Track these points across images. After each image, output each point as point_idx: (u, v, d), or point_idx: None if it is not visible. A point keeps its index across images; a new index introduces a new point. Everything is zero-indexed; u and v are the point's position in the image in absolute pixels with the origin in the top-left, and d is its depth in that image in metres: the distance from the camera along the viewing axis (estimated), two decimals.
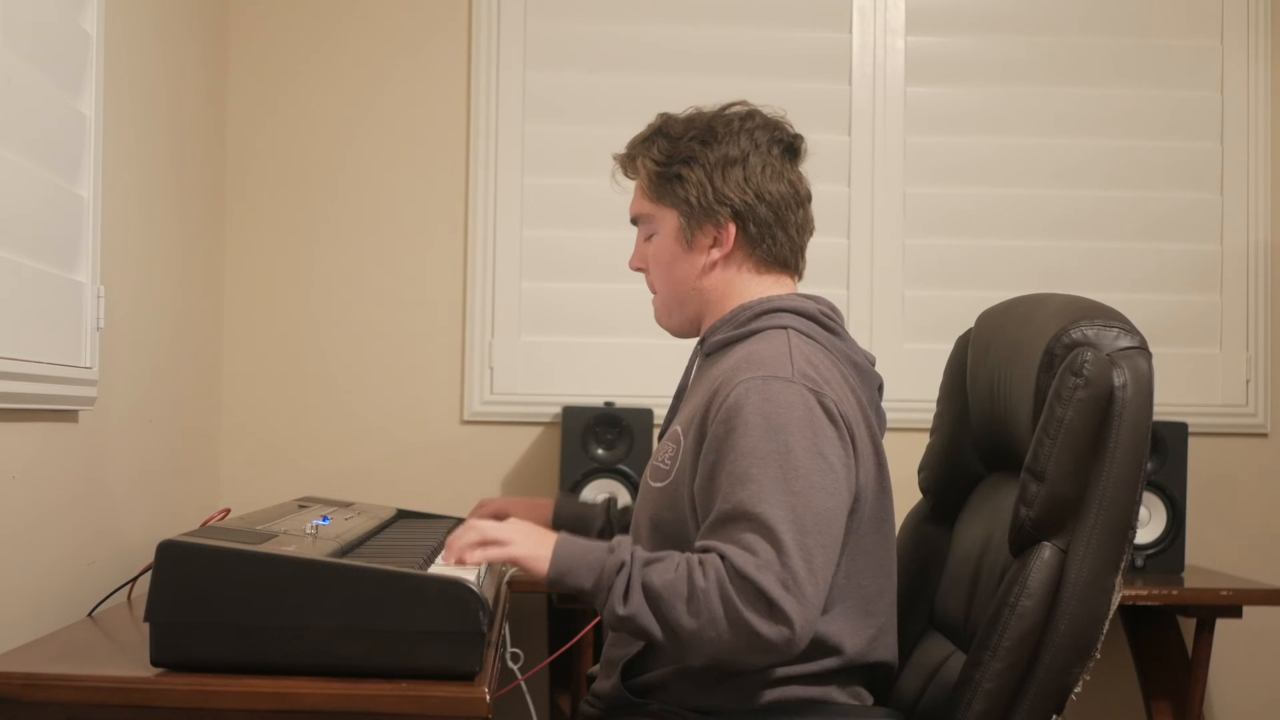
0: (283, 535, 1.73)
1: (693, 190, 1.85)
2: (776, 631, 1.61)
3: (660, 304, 1.95)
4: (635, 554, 1.68)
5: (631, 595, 1.65)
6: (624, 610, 1.65)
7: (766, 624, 1.61)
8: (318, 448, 3.18)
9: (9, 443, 1.83)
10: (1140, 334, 1.74)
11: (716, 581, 1.62)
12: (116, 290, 2.22)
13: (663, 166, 1.87)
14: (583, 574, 1.68)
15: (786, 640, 1.61)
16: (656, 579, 1.65)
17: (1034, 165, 3.28)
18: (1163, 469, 2.95)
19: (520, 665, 2.01)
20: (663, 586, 1.64)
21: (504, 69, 3.21)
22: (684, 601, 1.63)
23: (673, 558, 1.67)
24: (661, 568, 1.66)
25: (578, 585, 1.69)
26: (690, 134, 1.87)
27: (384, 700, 1.46)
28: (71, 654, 1.71)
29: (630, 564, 1.66)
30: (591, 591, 1.68)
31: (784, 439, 1.67)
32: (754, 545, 1.63)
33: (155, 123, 2.52)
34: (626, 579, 1.66)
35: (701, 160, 1.85)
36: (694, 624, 1.63)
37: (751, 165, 1.85)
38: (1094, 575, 1.70)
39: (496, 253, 3.20)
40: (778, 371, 1.72)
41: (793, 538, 1.63)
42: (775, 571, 1.61)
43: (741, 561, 1.62)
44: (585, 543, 1.72)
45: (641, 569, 1.66)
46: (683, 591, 1.63)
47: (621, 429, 2.99)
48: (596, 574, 1.67)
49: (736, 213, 1.85)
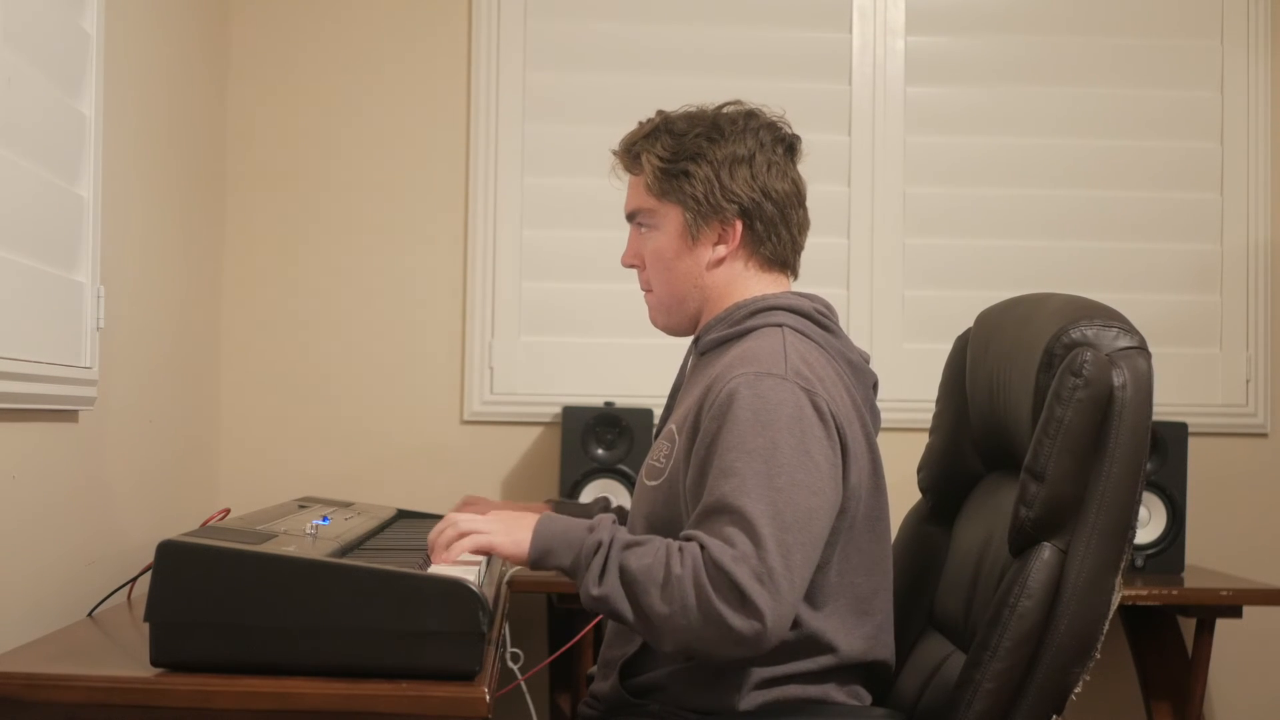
0: (283, 535, 1.74)
1: (700, 186, 1.84)
2: (747, 624, 1.61)
3: (656, 301, 1.93)
4: (616, 536, 1.69)
5: (607, 576, 1.66)
6: (598, 590, 1.66)
7: (737, 616, 1.61)
8: (317, 448, 3.18)
9: (9, 443, 1.83)
10: (1140, 334, 1.74)
11: (692, 570, 1.63)
12: (116, 290, 2.22)
13: (668, 162, 1.86)
14: (563, 553, 1.70)
15: (757, 633, 1.61)
16: (634, 563, 1.66)
17: (1034, 165, 3.28)
18: (1163, 469, 2.95)
19: (520, 665, 2.01)
20: (639, 570, 1.65)
21: (504, 69, 3.21)
22: (658, 587, 1.64)
23: (653, 543, 1.68)
24: (640, 552, 1.67)
25: (558, 564, 1.70)
26: (696, 130, 1.86)
27: (384, 700, 1.46)
28: (71, 654, 1.71)
29: (609, 545, 1.67)
30: (570, 570, 1.70)
31: (771, 435, 1.68)
32: (732, 538, 1.63)
33: (155, 123, 2.52)
34: (604, 560, 1.67)
35: (709, 157, 1.84)
36: (666, 610, 1.63)
37: (758, 163, 1.85)
38: (1094, 575, 1.70)
39: (496, 253, 3.20)
40: (771, 369, 1.72)
41: (771, 533, 1.63)
42: (751, 565, 1.62)
43: (718, 552, 1.62)
44: (567, 521, 1.73)
45: (620, 552, 1.67)
46: (658, 577, 1.64)
47: (621, 429, 2.99)
48: (575, 553, 1.69)
49: (744, 210, 1.85)
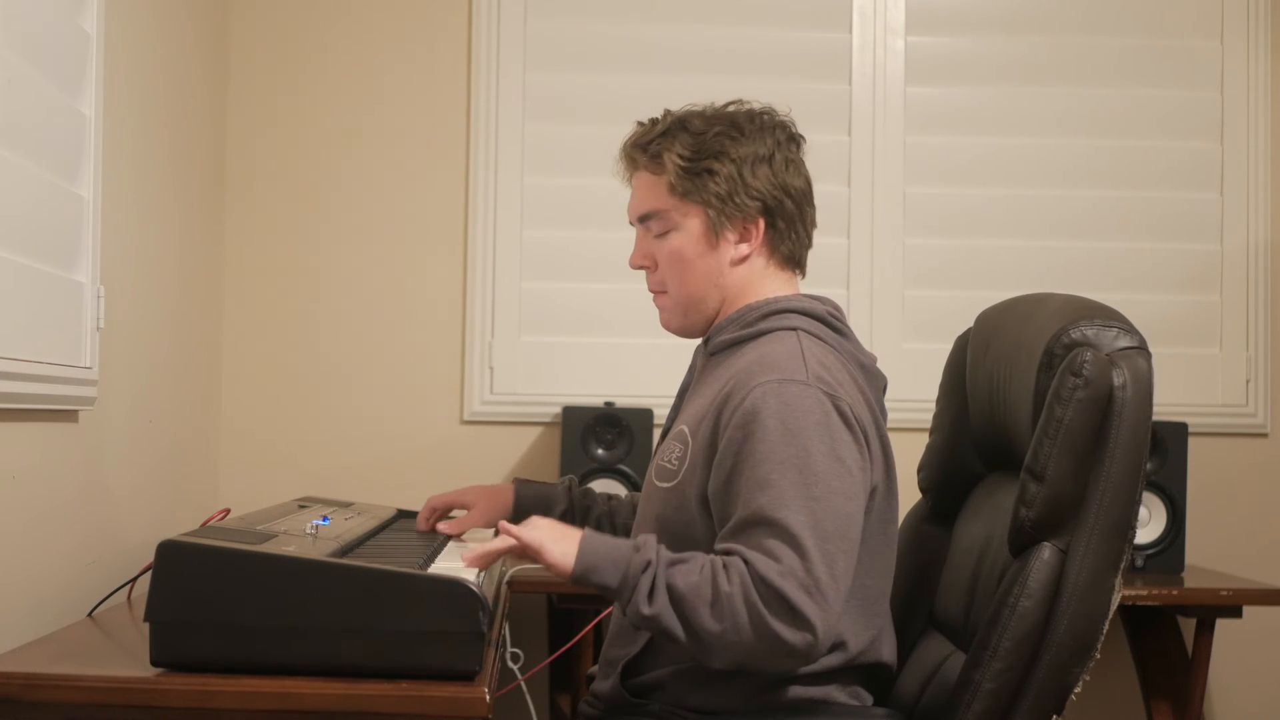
0: (283, 535, 1.73)
1: (723, 184, 1.83)
2: (799, 637, 1.61)
3: (672, 303, 1.91)
4: (660, 554, 1.68)
5: (656, 596, 1.65)
6: (649, 610, 1.65)
7: (790, 630, 1.61)
8: (318, 448, 3.18)
9: (9, 443, 1.83)
10: (1140, 334, 1.74)
11: (741, 586, 1.62)
12: (116, 290, 2.22)
13: (691, 161, 1.84)
14: (608, 572, 1.68)
15: (809, 645, 1.62)
16: (681, 581, 1.65)
17: (1034, 165, 3.28)
18: (1163, 469, 2.95)
19: (520, 665, 2.02)
20: (687, 589, 1.64)
21: (504, 69, 3.21)
22: (708, 605, 1.63)
23: (697, 559, 1.67)
24: (686, 569, 1.66)
25: (602, 583, 1.68)
26: (716, 129, 1.85)
27: (384, 700, 1.46)
28: (71, 654, 1.71)
29: (656, 563, 1.66)
30: (616, 590, 1.68)
31: (802, 443, 1.67)
32: (777, 551, 1.63)
33: (155, 123, 2.52)
34: (652, 579, 1.65)
35: (732, 155, 1.83)
36: (718, 627, 1.63)
37: (777, 161, 1.85)
38: (1094, 575, 1.70)
39: (496, 253, 3.20)
40: (793, 375, 1.72)
41: (815, 544, 1.63)
42: (799, 578, 1.62)
43: (764, 567, 1.62)
44: (611, 540, 1.72)
45: (666, 569, 1.66)
46: (707, 595, 1.63)
47: (621, 429, 2.99)
48: (622, 572, 1.67)
49: (766, 208, 1.84)
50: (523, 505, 2.12)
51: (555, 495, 2.15)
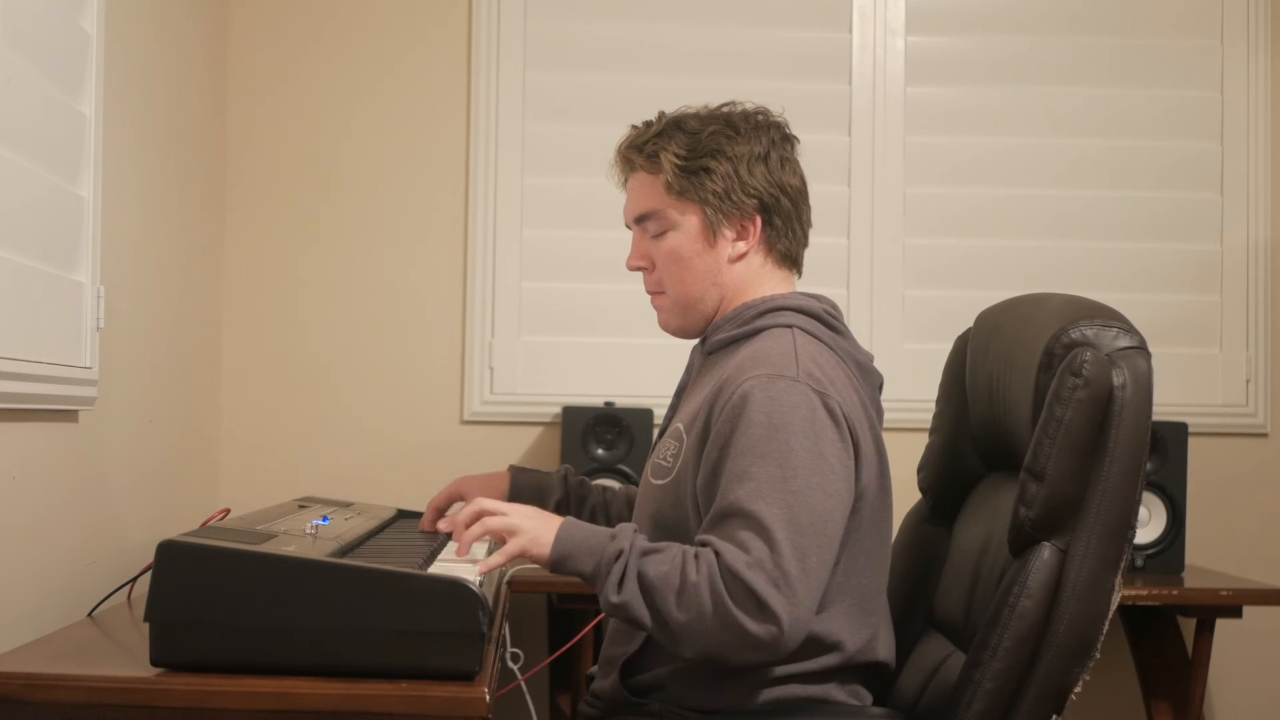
0: (283, 535, 1.73)
1: (720, 183, 1.84)
2: (764, 629, 1.62)
3: (670, 303, 1.91)
4: (635, 543, 1.69)
5: (626, 584, 1.67)
6: (617, 598, 1.67)
7: (754, 622, 1.62)
8: (318, 448, 3.18)
9: (9, 443, 1.83)
10: (1140, 334, 1.74)
11: (708, 577, 1.63)
12: (116, 290, 2.22)
13: (687, 160, 1.84)
14: (583, 559, 1.70)
15: (774, 638, 1.62)
16: (652, 570, 1.67)
17: (1034, 165, 3.28)
18: (1163, 469, 2.95)
19: (520, 665, 2.02)
20: (656, 578, 1.66)
21: (504, 69, 3.21)
22: (675, 594, 1.64)
23: (671, 549, 1.69)
24: (658, 559, 1.68)
25: (578, 570, 1.71)
26: (711, 128, 1.86)
27: (384, 700, 1.46)
28: (71, 654, 1.71)
29: (628, 553, 1.68)
30: (590, 576, 1.70)
31: (785, 438, 1.68)
32: (748, 543, 1.63)
33: (155, 123, 2.52)
34: (623, 567, 1.67)
35: (729, 153, 1.84)
36: (683, 617, 1.64)
37: (773, 160, 1.86)
38: (1094, 575, 1.70)
39: (496, 253, 3.20)
40: (783, 370, 1.72)
41: (787, 536, 1.63)
42: (766, 570, 1.62)
43: (733, 558, 1.63)
44: (589, 528, 1.73)
45: (639, 559, 1.68)
46: (675, 584, 1.65)
47: (621, 429, 2.99)
48: (596, 560, 1.69)
49: (763, 205, 1.85)
50: (518, 494, 2.13)
51: (551, 484, 2.16)
